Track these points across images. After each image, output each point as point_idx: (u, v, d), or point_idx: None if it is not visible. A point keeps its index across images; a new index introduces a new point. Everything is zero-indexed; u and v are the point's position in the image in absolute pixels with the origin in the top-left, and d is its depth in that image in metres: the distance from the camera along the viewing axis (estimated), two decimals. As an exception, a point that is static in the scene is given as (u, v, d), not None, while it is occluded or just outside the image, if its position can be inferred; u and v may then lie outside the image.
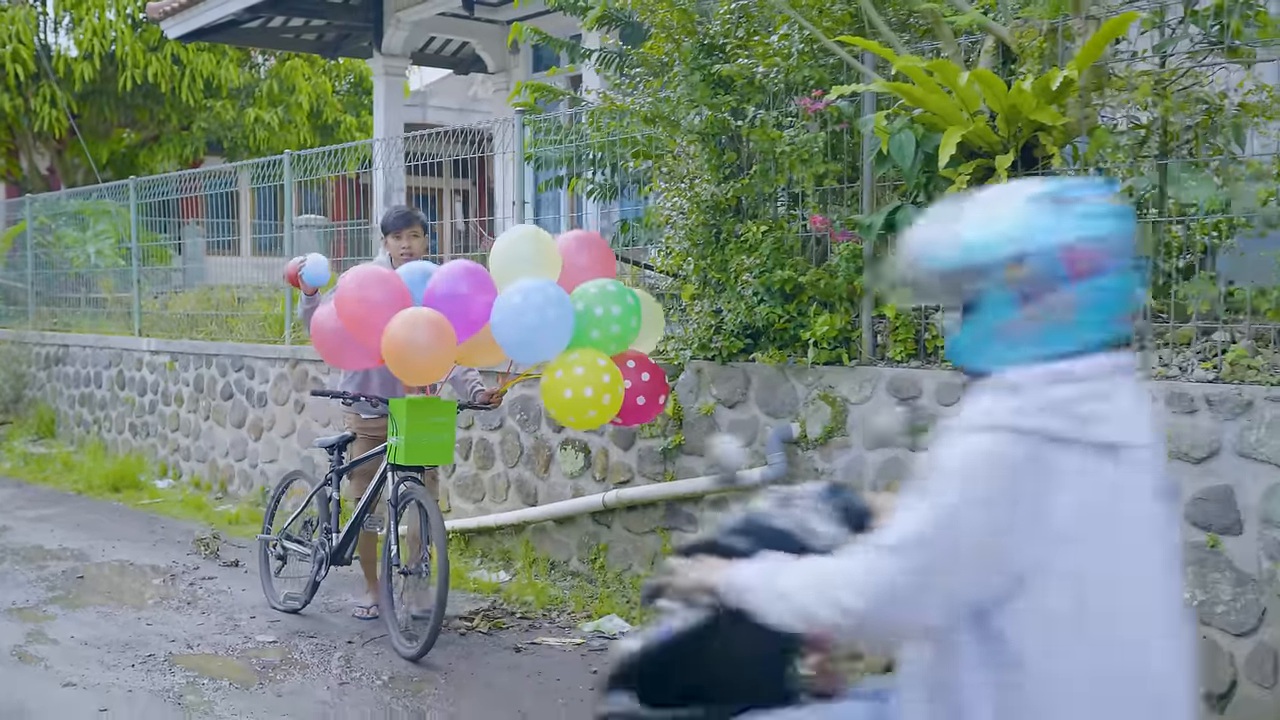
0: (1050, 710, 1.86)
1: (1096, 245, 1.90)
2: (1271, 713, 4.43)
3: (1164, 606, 1.94)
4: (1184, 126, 5.74)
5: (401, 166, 12.68)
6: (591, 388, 5.34)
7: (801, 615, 2.02)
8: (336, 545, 6.30)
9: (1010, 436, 1.86)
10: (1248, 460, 4.53)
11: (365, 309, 5.44)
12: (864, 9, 5.73)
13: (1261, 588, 4.49)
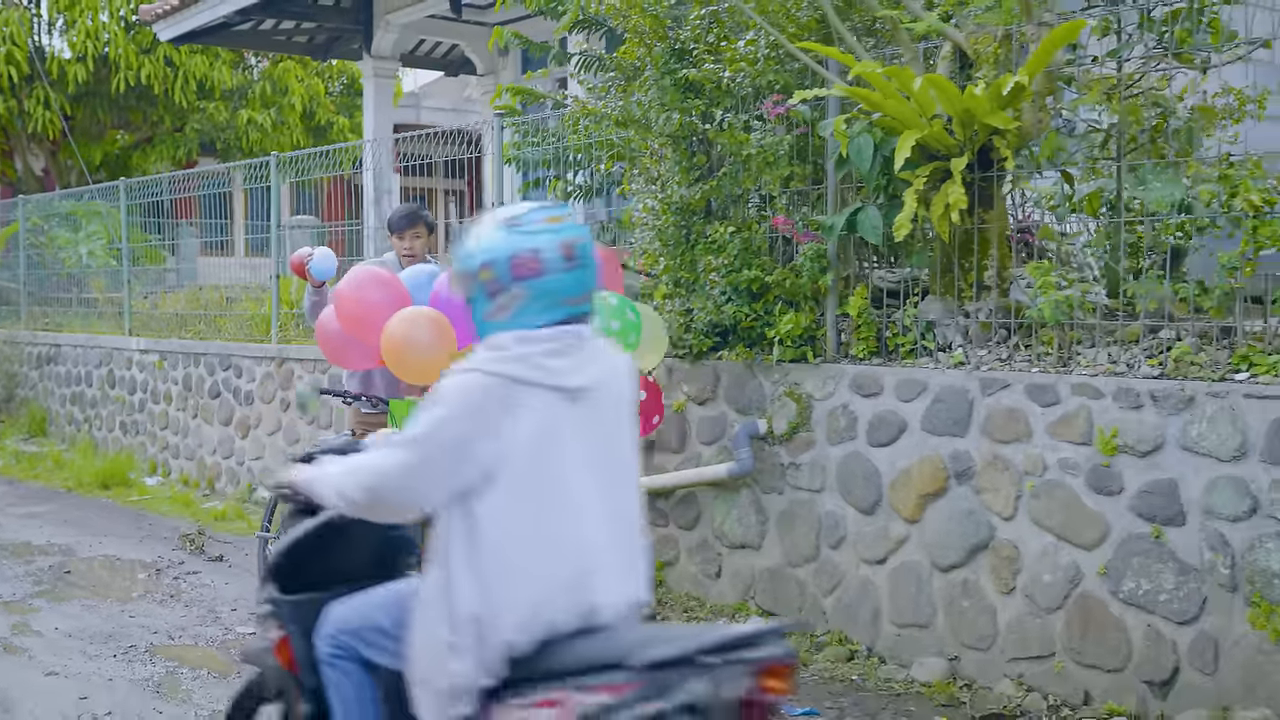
0: (504, 563, 2.56)
1: (534, 255, 2.62)
2: (1212, 698, 4.58)
3: (599, 498, 2.64)
4: (1140, 130, 5.91)
5: (391, 167, 12.81)
6: None
7: (341, 497, 2.75)
8: None
9: (481, 375, 2.60)
10: (1190, 454, 4.68)
11: (363, 309, 5.47)
12: (828, 15, 5.88)
13: (1203, 577, 4.63)
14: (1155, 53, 5.69)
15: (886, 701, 5.12)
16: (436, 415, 2.60)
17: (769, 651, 2.37)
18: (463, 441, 2.56)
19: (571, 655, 2.51)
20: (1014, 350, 5.44)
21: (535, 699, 2.48)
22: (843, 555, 5.85)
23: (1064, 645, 5.03)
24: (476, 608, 2.56)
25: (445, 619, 2.60)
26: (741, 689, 2.32)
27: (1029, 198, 6.60)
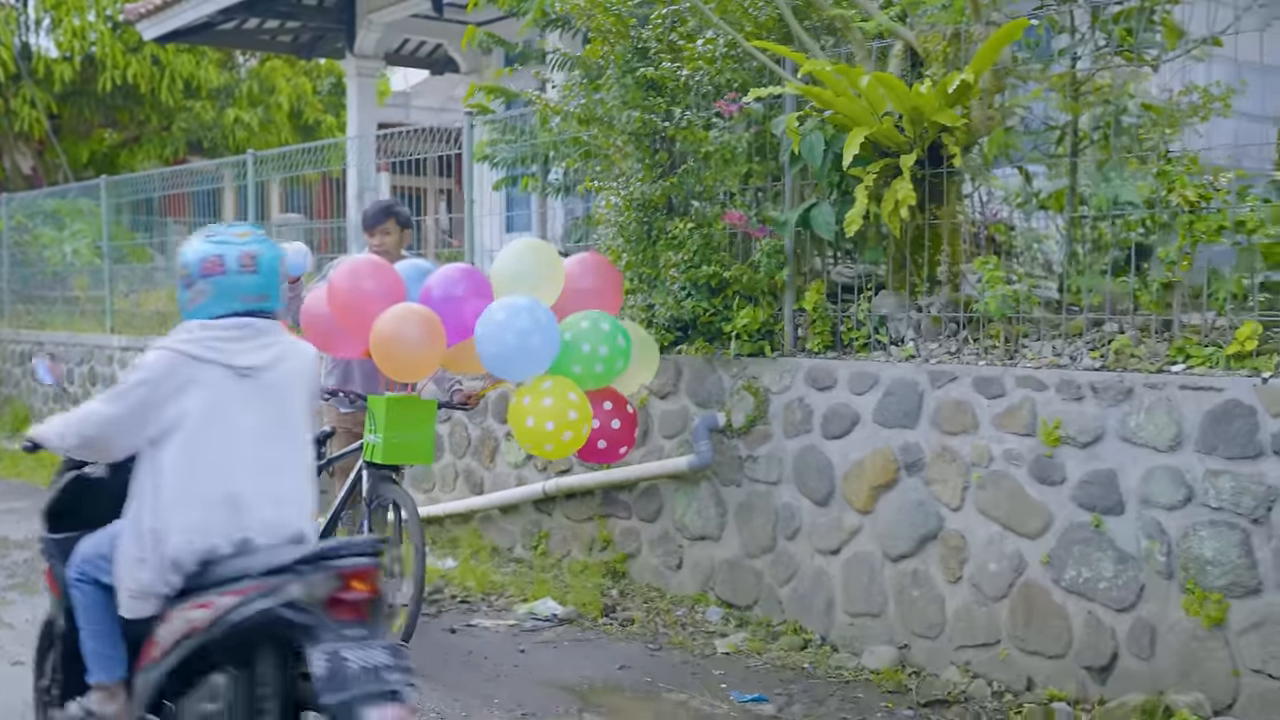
0: (175, 494, 3.27)
1: (218, 259, 3.35)
2: (1148, 683, 4.68)
3: (256, 451, 3.33)
4: (1094, 127, 6.01)
5: (373, 165, 12.89)
6: (554, 422, 5.34)
7: (63, 440, 3.45)
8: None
9: (170, 351, 3.31)
10: (1128, 444, 4.78)
11: (357, 299, 5.42)
12: (785, 14, 5.97)
13: (1140, 565, 4.73)
14: (1104, 51, 5.79)
15: (835, 688, 5.21)
16: (135, 379, 3.31)
17: (352, 561, 3.11)
18: (151, 402, 3.28)
19: (225, 571, 3.23)
20: (963, 344, 5.54)
21: (195, 603, 3.22)
22: (798, 546, 5.95)
23: (1009, 633, 5.13)
24: (153, 524, 3.27)
25: (135, 537, 3.31)
26: (331, 589, 3.08)
27: (995, 195, 6.70)
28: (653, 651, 5.77)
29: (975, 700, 5.03)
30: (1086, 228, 5.73)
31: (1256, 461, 4.43)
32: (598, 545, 6.92)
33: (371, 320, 5.34)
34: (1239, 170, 5.11)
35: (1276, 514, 4.38)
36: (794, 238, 6.05)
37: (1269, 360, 4.54)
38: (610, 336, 5.49)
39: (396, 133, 10.11)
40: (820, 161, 5.52)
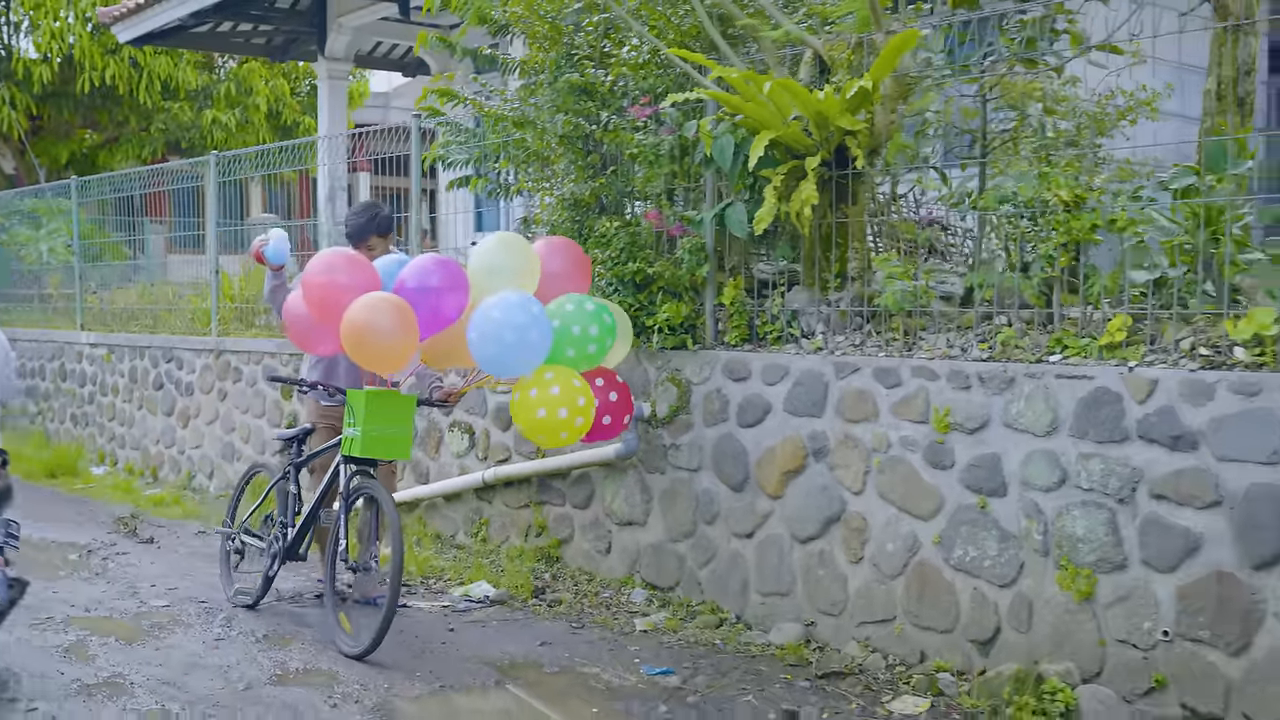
0: None
1: None
2: (1026, 653, 4.97)
3: None
4: (1000, 129, 6.32)
5: (344, 166, 13.14)
6: (566, 409, 5.41)
7: None
8: (291, 540, 6.16)
9: None
10: (1011, 430, 5.07)
11: (331, 293, 5.35)
12: (704, 24, 6.25)
13: (1020, 543, 5.03)
14: (1011, 58, 6.07)
15: (740, 663, 5.50)
16: None
17: None
18: None
19: None
20: (867, 337, 5.83)
21: None
22: (716, 530, 6.24)
23: (904, 609, 5.42)
24: None
25: None
26: None
27: (926, 194, 6.99)
28: (575, 630, 6.05)
29: (869, 672, 5.32)
30: (1021, 227, 6.00)
31: (1123, 445, 4.72)
32: (534, 531, 7.20)
33: (338, 313, 5.31)
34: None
35: (1140, 494, 4.67)
36: (714, 236, 6.34)
37: (1137, 350, 4.84)
38: (597, 316, 5.57)
39: (366, 132, 10.35)
40: (731, 163, 5.80)
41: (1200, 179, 5.21)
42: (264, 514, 6.54)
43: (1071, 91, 6.38)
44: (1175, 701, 4.57)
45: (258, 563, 6.50)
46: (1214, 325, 4.78)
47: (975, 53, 6.14)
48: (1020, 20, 6.01)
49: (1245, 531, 4.40)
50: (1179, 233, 5.08)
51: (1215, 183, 4.89)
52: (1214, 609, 4.47)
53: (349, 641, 5.60)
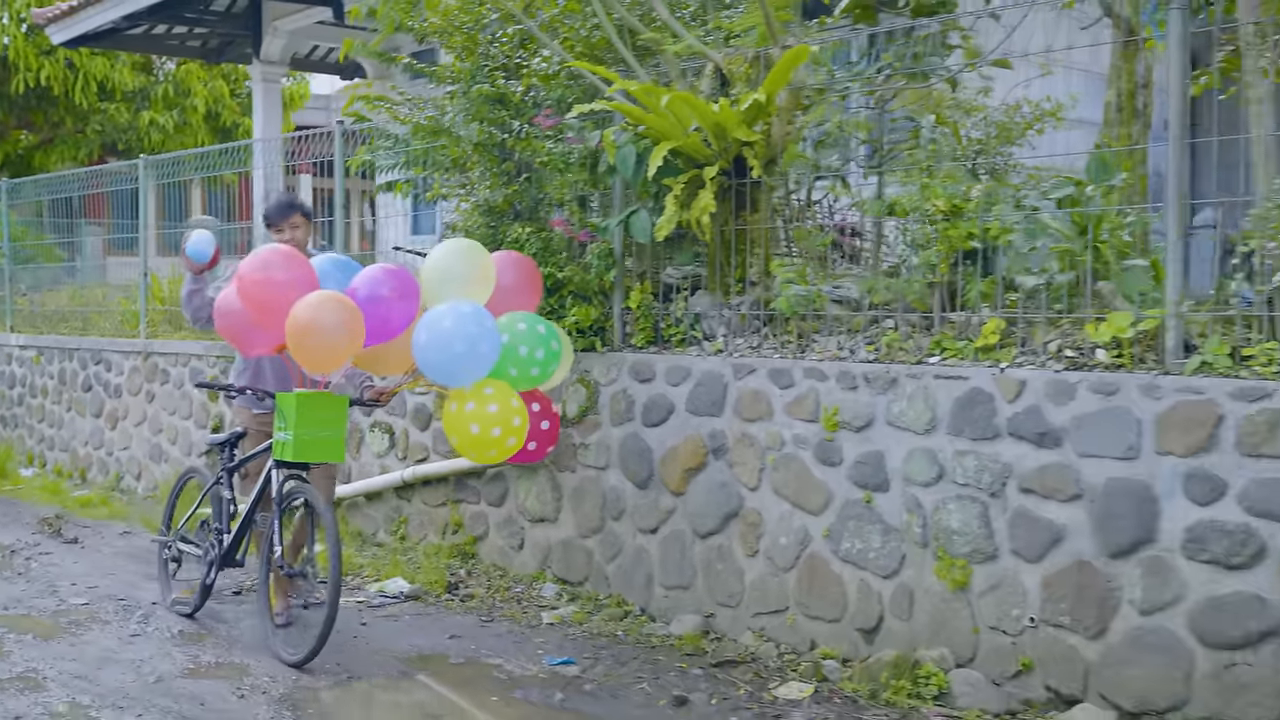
0: None
1: None
2: (907, 641, 5.22)
3: None
4: (895, 140, 6.58)
5: (279, 169, 13.23)
6: (500, 428, 5.38)
7: None
8: (227, 546, 6.06)
9: None
10: (894, 428, 5.32)
11: (269, 290, 5.23)
12: (611, 37, 6.47)
13: (902, 536, 5.28)
14: (902, 71, 6.34)
15: (640, 653, 5.71)
16: None
17: None
18: None
19: None
20: (764, 339, 6.07)
21: None
22: (623, 526, 6.45)
23: (795, 600, 5.66)
24: None
25: None
26: None
27: (839, 201, 7.23)
28: (485, 623, 6.25)
29: (761, 660, 5.56)
30: (926, 231, 6.23)
31: (994, 442, 4.99)
32: (451, 529, 7.38)
33: (285, 312, 5.20)
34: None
35: (1010, 489, 4.94)
36: (622, 242, 6.55)
37: (1009, 353, 5.10)
38: (546, 340, 5.54)
39: (298, 136, 10.45)
40: (633, 172, 6.02)
41: (1081, 189, 5.50)
42: (199, 520, 6.43)
43: (984, 101, 6.61)
44: (1040, 684, 4.84)
45: (196, 570, 6.38)
46: (1080, 328, 5.05)
47: (872, 66, 6.42)
48: (914, 36, 6.28)
49: (1103, 523, 4.67)
50: (1062, 240, 5.36)
51: (1100, 193, 5.14)
52: (1075, 596, 4.74)
53: (288, 650, 5.54)
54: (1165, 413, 4.54)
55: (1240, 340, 4.60)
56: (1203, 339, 4.68)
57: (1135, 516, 4.59)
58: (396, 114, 7.57)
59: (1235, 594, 4.36)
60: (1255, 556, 4.32)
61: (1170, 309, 4.69)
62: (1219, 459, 4.41)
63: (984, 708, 4.86)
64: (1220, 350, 4.54)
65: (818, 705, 5.00)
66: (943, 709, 4.89)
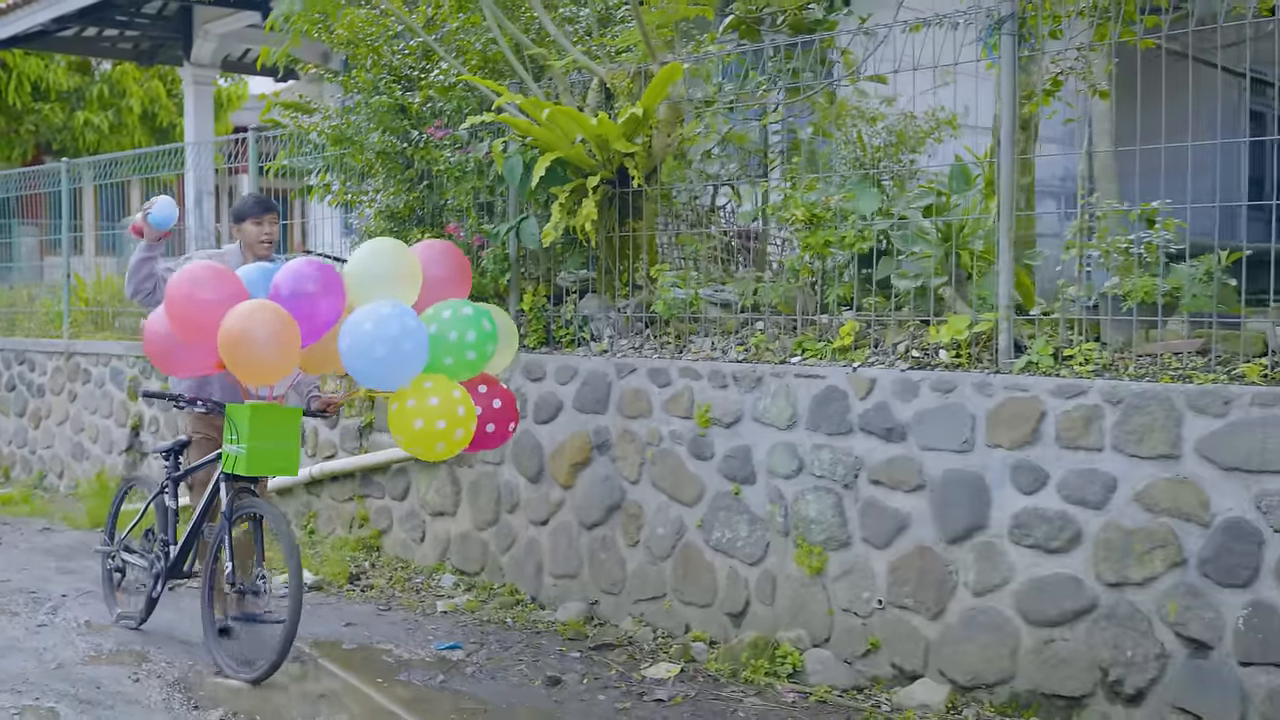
0: None
1: None
2: (770, 624, 5.57)
3: None
4: (781, 150, 6.93)
5: (211, 170, 13.42)
6: (445, 420, 5.14)
7: None
8: (174, 558, 5.83)
9: None
10: (759, 424, 5.66)
11: (194, 308, 5.01)
12: (505, 52, 6.77)
13: (767, 525, 5.62)
14: (785, 85, 6.68)
15: (525, 638, 6.02)
16: None
17: None
18: None
19: None
20: (645, 340, 6.39)
21: None
22: (516, 518, 6.76)
23: (671, 587, 5.99)
24: None
25: None
26: None
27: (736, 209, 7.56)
28: (382, 612, 6.53)
29: (637, 644, 5.88)
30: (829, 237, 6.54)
31: (848, 437, 5.35)
32: (357, 523, 7.65)
33: (217, 329, 4.99)
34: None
35: (861, 480, 5.30)
36: (516, 247, 6.86)
37: (863, 353, 5.46)
38: (475, 321, 5.29)
39: (231, 139, 10.66)
40: (520, 181, 6.32)
41: (947, 198, 5.88)
42: (144, 530, 6.21)
43: (885, 110, 6.91)
44: (887, 661, 5.20)
45: (141, 581, 6.16)
46: (924, 330, 5.42)
47: (752, 81, 6.75)
48: (790, 52, 6.62)
49: (941, 511, 5.04)
50: (928, 247, 5.72)
51: (976, 202, 5.51)
52: (917, 580, 5.11)
53: (240, 668, 5.32)
54: (995, 409, 4.91)
55: (1064, 342, 4.98)
56: (1033, 340, 5.05)
57: (969, 505, 4.96)
58: (300, 122, 7.81)
59: (1054, 575, 4.74)
60: (1072, 541, 4.69)
61: (1002, 313, 5.06)
62: (1041, 451, 4.79)
63: (833, 684, 5.21)
64: (1044, 351, 4.91)
65: (682, 684, 5.33)
66: (796, 686, 5.24)
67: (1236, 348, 4.71)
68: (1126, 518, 4.56)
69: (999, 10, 5.07)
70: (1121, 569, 4.57)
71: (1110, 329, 5.03)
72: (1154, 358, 4.80)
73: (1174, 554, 4.45)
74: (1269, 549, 4.25)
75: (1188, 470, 4.43)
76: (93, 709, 5.00)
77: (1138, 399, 4.54)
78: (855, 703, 5.07)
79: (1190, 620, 4.41)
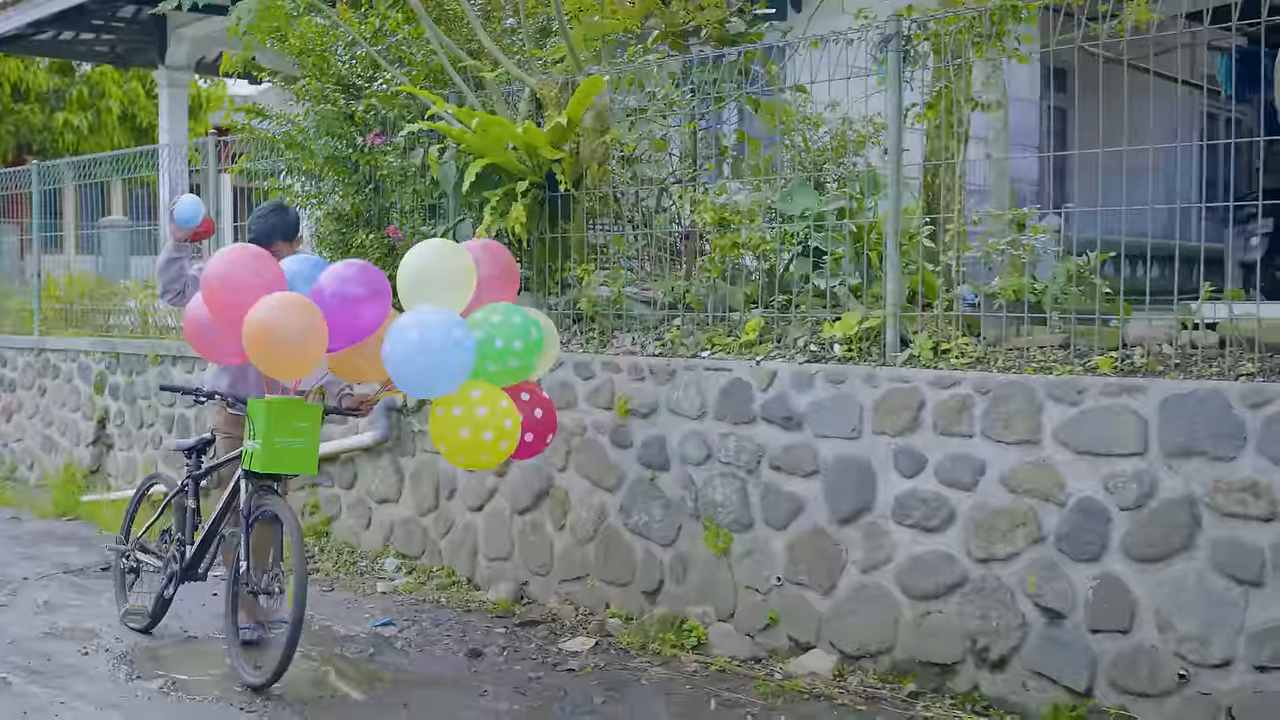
0: None
1: None
2: (680, 601, 5.95)
3: None
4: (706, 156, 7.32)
5: (185, 173, 13.75)
6: (492, 432, 5.03)
7: None
8: (190, 558, 5.78)
9: None
10: (673, 414, 6.04)
11: (231, 293, 4.90)
12: (444, 64, 7.14)
13: (679, 509, 6.01)
14: (711, 96, 7.06)
15: (456, 616, 6.41)
16: None
17: None
18: None
19: None
20: (573, 336, 6.77)
21: None
22: (454, 504, 7.13)
23: (594, 568, 6.37)
24: None
25: None
26: None
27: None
28: (325, 592, 6.91)
29: (560, 620, 6.27)
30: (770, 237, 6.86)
31: (751, 426, 5.73)
32: (309, 510, 8.02)
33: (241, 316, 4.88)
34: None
35: (763, 466, 5.68)
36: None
37: (767, 348, 5.85)
38: (523, 330, 5.18)
39: (198, 143, 10.97)
40: (453, 185, 6.70)
41: (859, 202, 6.27)
42: (161, 529, 6.17)
43: (828, 115, 7.25)
44: (784, 634, 5.59)
45: (153, 582, 6.11)
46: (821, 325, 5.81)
47: (680, 89, 7.14)
48: (716, 65, 7.00)
49: (833, 494, 5.43)
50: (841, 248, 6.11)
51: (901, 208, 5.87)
52: (812, 558, 5.49)
53: (252, 672, 5.24)
54: (881, 399, 5.30)
55: (944, 336, 5.37)
56: (916, 335, 5.44)
57: (857, 488, 5.34)
58: (252, 128, 8.17)
59: (931, 552, 5.13)
60: (946, 520, 5.08)
61: (889, 310, 5.45)
62: (921, 438, 5.17)
63: (734, 655, 5.60)
64: (925, 345, 5.30)
65: (594, 655, 5.72)
66: (699, 657, 5.63)
67: (1101, 342, 5.10)
68: (993, 498, 4.95)
69: (885, 30, 5.45)
70: (989, 546, 4.96)
71: (989, 325, 5.42)
72: (1022, 351, 5.20)
73: (1034, 531, 4.84)
74: (1115, 526, 4.64)
75: (1046, 454, 4.82)
76: (42, 678, 5.39)
77: (1004, 389, 4.94)
78: (752, 671, 5.45)
79: (1047, 592, 4.80)
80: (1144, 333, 4.99)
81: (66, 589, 7.05)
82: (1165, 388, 4.56)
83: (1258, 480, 4.32)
